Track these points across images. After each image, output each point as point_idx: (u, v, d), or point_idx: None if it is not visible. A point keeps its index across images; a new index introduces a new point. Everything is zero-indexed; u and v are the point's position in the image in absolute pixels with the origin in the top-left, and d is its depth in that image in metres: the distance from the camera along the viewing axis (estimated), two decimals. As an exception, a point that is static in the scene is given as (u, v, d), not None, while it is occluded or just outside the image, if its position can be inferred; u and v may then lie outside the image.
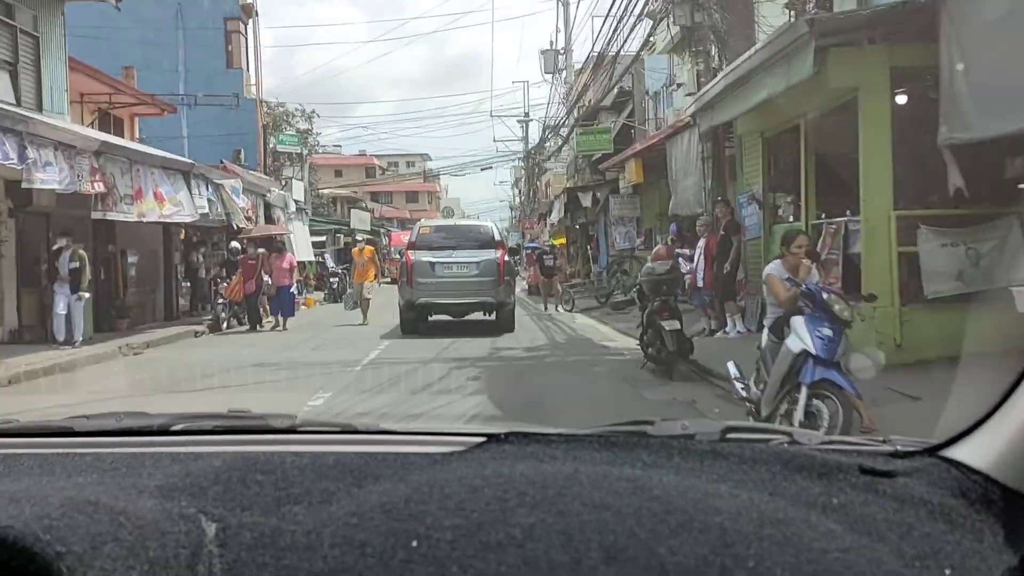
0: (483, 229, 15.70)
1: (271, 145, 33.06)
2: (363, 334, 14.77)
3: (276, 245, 17.25)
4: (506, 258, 14.78)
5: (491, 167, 44.96)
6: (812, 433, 1.32)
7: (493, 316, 14.71)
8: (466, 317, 14.86)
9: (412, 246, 14.81)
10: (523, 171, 52.87)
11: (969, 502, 0.93)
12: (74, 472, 1.07)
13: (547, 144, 36.10)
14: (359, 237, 19.53)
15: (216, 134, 27.94)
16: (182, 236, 19.39)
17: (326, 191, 50.65)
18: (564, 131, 34.05)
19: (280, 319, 16.61)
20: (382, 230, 53.09)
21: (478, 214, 67.20)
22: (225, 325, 16.85)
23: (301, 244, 26.64)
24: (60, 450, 1.19)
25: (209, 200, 16.92)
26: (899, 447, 1.10)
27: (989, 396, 1.02)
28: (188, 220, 16.09)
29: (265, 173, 29.02)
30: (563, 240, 35.32)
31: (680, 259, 17.44)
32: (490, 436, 1.13)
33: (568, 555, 0.77)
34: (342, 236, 41.07)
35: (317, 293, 28.13)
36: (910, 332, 7.59)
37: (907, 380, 6.58)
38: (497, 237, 15.28)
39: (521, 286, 32.33)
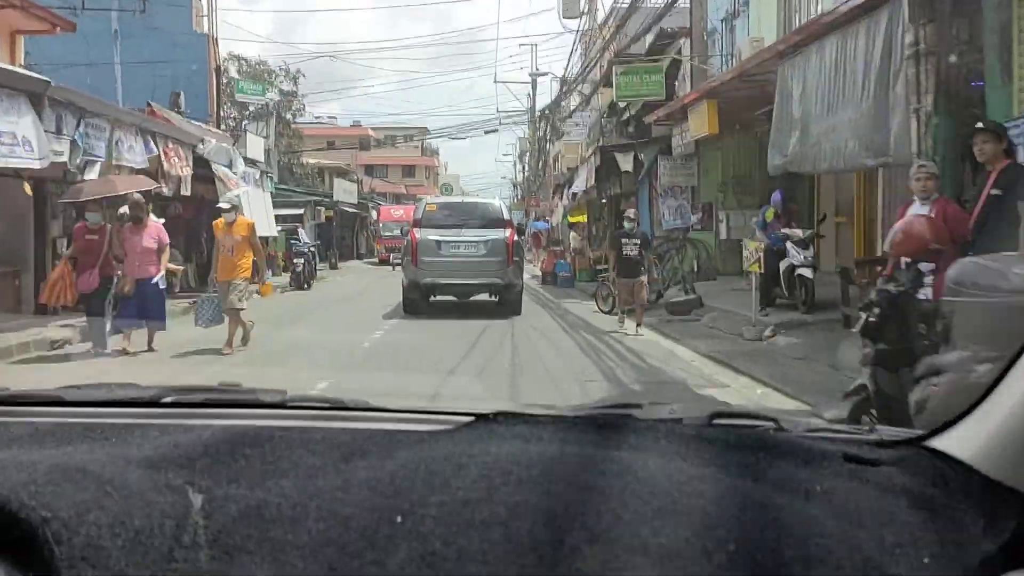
0: (491, 207, 14.89)
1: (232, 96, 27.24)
2: (274, 369, 9.01)
3: (134, 212, 9.77)
4: (515, 238, 14.05)
5: (496, 130, 39.08)
6: (799, 420, 1.24)
7: (497, 298, 13.78)
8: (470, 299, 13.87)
9: (417, 224, 14.02)
10: (529, 143, 47.03)
11: (950, 491, 0.94)
12: (63, 441, 1.06)
13: (563, 104, 30.03)
14: (223, 203, 10.67)
15: (153, 68, 22.28)
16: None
17: (312, 161, 45.93)
18: (585, 89, 28.20)
19: (121, 334, 9.59)
20: (371, 204, 47.42)
21: (477, 191, 62.56)
22: (108, 327, 10.75)
23: (259, 215, 20.99)
24: (50, 419, 1.19)
25: (73, 142, 11.15)
26: (884, 436, 1.11)
27: (974, 388, 1.00)
28: (28, 166, 10.26)
29: (217, 126, 23.33)
30: (583, 217, 29.34)
31: (790, 246, 11.78)
32: (478, 416, 1.13)
33: (551, 534, 0.77)
34: (323, 209, 36.80)
35: (286, 275, 22.47)
36: None
37: None
38: (506, 216, 14.55)
39: (532, 272, 26.62)
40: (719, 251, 16.58)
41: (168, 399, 1.30)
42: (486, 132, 37.25)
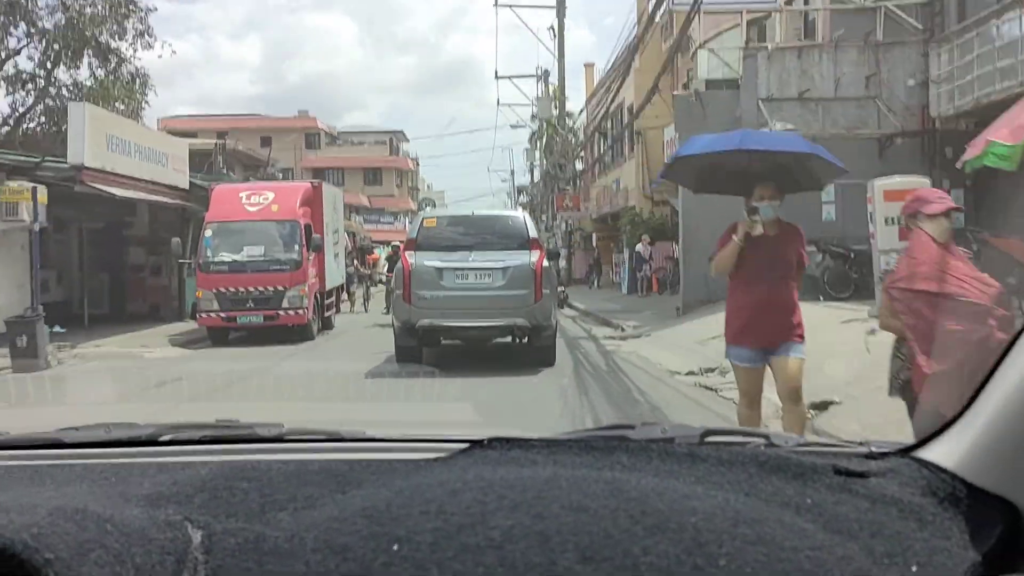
0: (512, 222, 11.53)
1: None
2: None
3: None
4: (545, 263, 10.78)
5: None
6: (790, 436, 1.30)
7: (523, 342, 10.91)
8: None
9: (412, 245, 10.83)
10: (552, 95, 32.43)
11: (938, 501, 0.96)
12: (63, 482, 1.08)
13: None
14: None
15: None
16: None
17: (196, 142, 25.77)
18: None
19: None
20: (210, 187, 18.36)
21: (467, 202, 49.94)
22: None
23: None
24: (50, 461, 1.21)
25: None
26: (874, 448, 1.15)
27: (960, 398, 1.03)
28: None
29: None
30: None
31: None
32: (473, 442, 1.15)
33: (544, 556, 0.79)
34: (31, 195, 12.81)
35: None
36: None
37: None
38: (531, 233, 11.09)
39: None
40: None
41: (166, 437, 1.34)
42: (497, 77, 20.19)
